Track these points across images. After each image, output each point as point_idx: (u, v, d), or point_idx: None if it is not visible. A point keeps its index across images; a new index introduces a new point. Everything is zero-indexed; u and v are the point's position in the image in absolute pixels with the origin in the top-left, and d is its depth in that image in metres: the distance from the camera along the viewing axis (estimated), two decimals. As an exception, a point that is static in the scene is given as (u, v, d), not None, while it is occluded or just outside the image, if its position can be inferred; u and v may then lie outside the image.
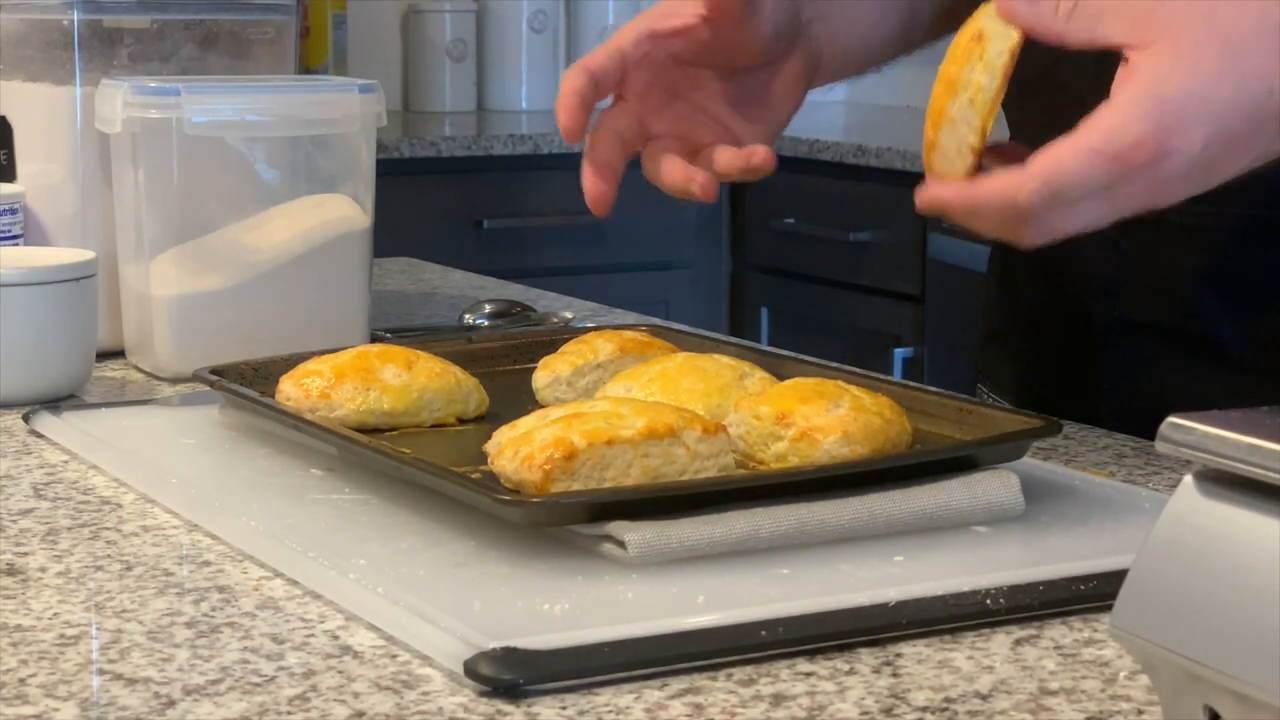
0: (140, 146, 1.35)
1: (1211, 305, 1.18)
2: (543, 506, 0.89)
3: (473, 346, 1.26)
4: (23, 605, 0.85)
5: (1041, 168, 0.91)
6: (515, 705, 0.73)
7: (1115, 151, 0.90)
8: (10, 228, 1.42)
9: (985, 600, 0.83)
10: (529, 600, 0.83)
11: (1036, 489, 0.99)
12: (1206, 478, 0.62)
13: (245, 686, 0.75)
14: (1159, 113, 0.90)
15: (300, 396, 1.10)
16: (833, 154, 3.46)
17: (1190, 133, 0.90)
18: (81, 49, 1.43)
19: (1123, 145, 0.90)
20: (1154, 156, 0.90)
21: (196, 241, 1.37)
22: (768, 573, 0.87)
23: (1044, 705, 0.74)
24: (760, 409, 1.00)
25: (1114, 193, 0.92)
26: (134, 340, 1.40)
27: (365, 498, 0.99)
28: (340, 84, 1.44)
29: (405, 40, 4.07)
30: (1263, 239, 1.16)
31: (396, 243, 2.36)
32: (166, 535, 0.97)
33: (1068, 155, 0.91)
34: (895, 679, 0.76)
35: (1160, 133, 0.89)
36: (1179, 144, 0.90)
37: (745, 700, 0.74)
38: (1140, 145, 0.89)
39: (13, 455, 1.14)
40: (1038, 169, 0.91)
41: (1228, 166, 0.93)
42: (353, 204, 1.43)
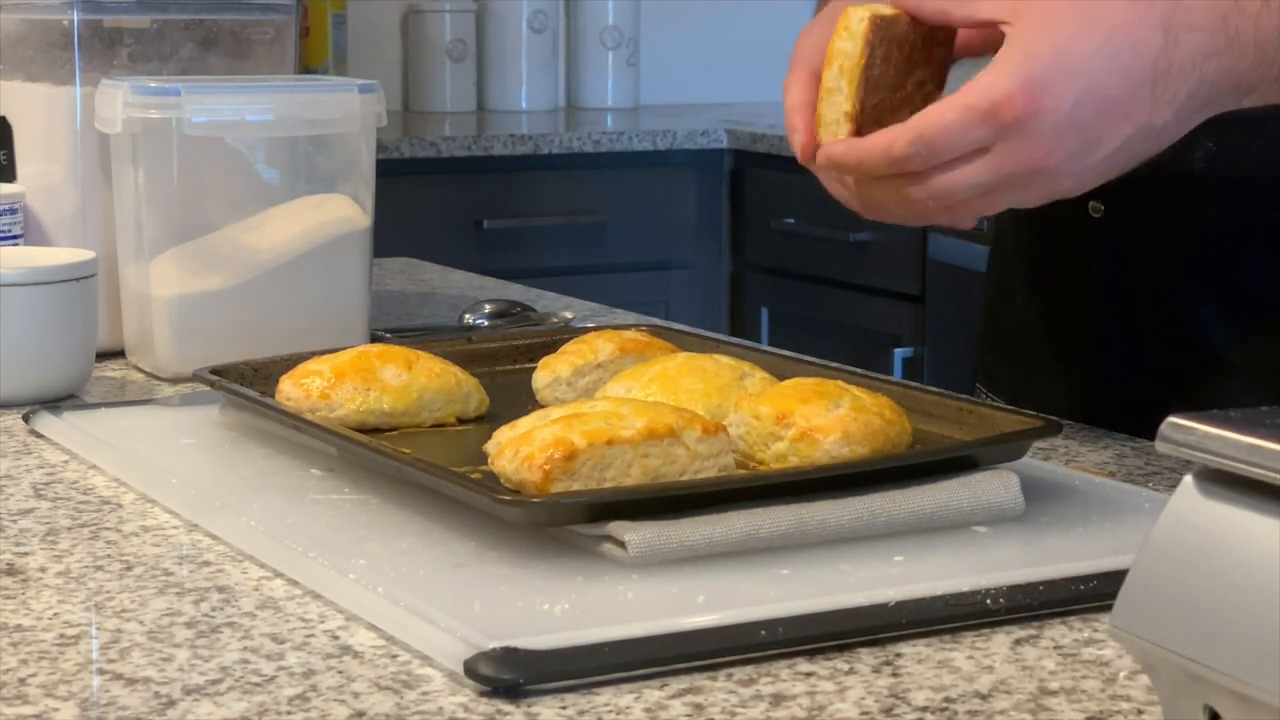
0: (140, 146, 1.35)
1: (1203, 308, 1.18)
2: (543, 506, 0.89)
3: (473, 346, 1.26)
4: (23, 605, 0.85)
5: (917, 121, 0.95)
6: (515, 705, 0.73)
7: (986, 106, 0.93)
8: (10, 228, 1.42)
9: (985, 600, 0.83)
10: (529, 600, 0.83)
11: (1036, 489, 0.99)
12: (1206, 478, 0.62)
13: (245, 686, 0.75)
14: (1027, 70, 0.93)
15: (300, 396, 1.10)
16: (833, 154, 3.46)
17: (1059, 88, 0.93)
18: (81, 49, 1.43)
19: (993, 100, 0.93)
20: (1024, 112, 0.93)
21: (196, 241, 1.37)
22: (768, 573, 0.87)
23: (1044, 705, 0.74)
24: (760, 409, 1.00)
25: (995, 155, 0.94)
26: (134, 340, 1.40)
27: (365, 498, 0.99)
28: (340, 84, 1.44)
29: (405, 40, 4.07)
30: (1253, 242, 1.16)
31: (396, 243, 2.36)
32: (166, 535, 0.97)
33: (941, 109, 0.95)
34: (895, 679, 0.76)
35: (1029, 88, 0.93)
36: (1048, 100, 0.93)
37: (745, 700, 0.74)
38: (1009, 100, 0.93)
39: (13, 455, 1.14)
40: (914, 122, 0.95)
41: (1109, 133, 0.95)
42: (353, 204, 1.43)
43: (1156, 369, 1.21)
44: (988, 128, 0.94)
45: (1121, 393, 1.23)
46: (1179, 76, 0.94)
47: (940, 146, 0.95)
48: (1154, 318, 1.21)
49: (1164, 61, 0.94)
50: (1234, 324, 1.17)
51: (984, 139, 0.94)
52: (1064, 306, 1.27)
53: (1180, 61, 0.94)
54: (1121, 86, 0.94)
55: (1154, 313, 1.21)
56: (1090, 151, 0.95)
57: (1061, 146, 0.94)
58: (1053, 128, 0.93)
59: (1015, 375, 1.33)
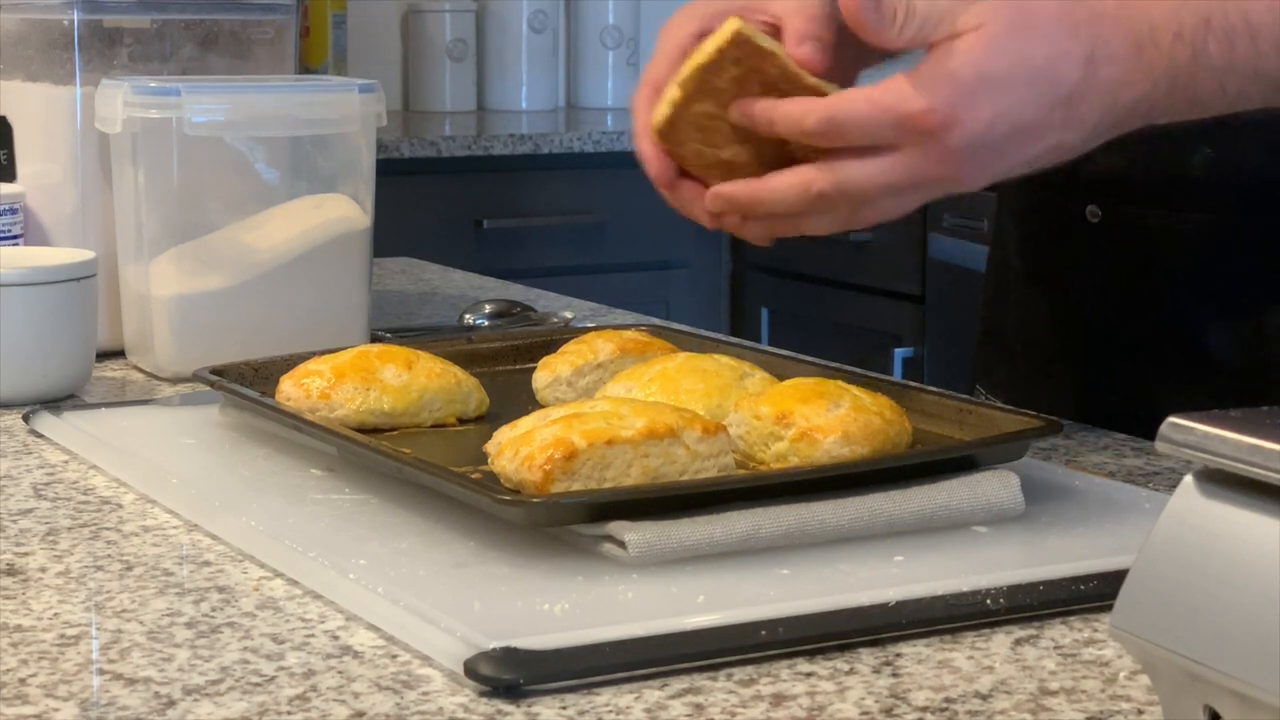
0: (140, 146, 1.35)
1: (1196, 310, 1.18)
2: (543, 506, 0.89)
3: (473, 346, 1.26)
4: (23, 605, 0.85)
5: (832, 101, 0.96)
6: (515, 705, 0.73)
7: (901, 112, 0.94)
8: (10, 228, 1.42)
9: (985, 600, 0.83)
10: (529, 600, 0.83)
11: (1036, 489, 0.99)
12: (1206, 478, 0.62)
13: (245, 686, 0.75)
14: (950, 86, 0.94)
15: (300, 396, 1.10)
16: (833, 154, 3.46)
17: (978, 109, 0.94)
18: (81, 49, 1.43)
19: (909, 110, 0.94)
20: (938, 126, 0.94)
21: (196, 241, 1.37)
22: (768, 573, 0.87)
23: (1044, 705, 0.74)
24: (760, 409, 1.00)
25: (905, 156, 0.95)
26: (134, 340, 1.40)
27: (365, 498, 0.99)
28: (340, 84, 1.44)
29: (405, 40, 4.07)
30: (1250, 246, 1.16)
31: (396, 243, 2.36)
32: (166, 535, 0.97)
33: (859, 97, 0.96)
34: (895, 679, 0.76)
35: (948, 105, 0.94)
36: (964, 118, 0.94)
37: (745, 700, 0.74)
38: (927, 114, 0.94)
39: (13, 455, 1.14)
40: (828, 102, 0.96)
41: (1017, 149, 0.96)
42: (353, 204, 1.43)
43: (1154, 373, 1.21)
44: (898, 132, 0.95)
45: (1119, 397, 1.23)
46: (1091, 103, 0.96)
47: (848, 133, 0.95)
48: (1151, 322, 1.21)
49: (1079, 90, 0.96)
50: (1231, 328, 1.18)
51: (891, 139, 0.95)
52: (1062, 310, 1.27)
53: (1095, 89, 0.96)
54: (1036, 113, 0.95)
55: (1151, 317, 1.21)
56: (995, 164, 0.97)
57: (969, 162, 0.96)
58: (961, 145, 0.94)
59: (1015, 377, 1.33)
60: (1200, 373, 1.18)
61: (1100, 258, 1.23)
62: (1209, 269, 1.18)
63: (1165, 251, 1.19)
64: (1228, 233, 1.17)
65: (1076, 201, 1.23)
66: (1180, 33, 0.97)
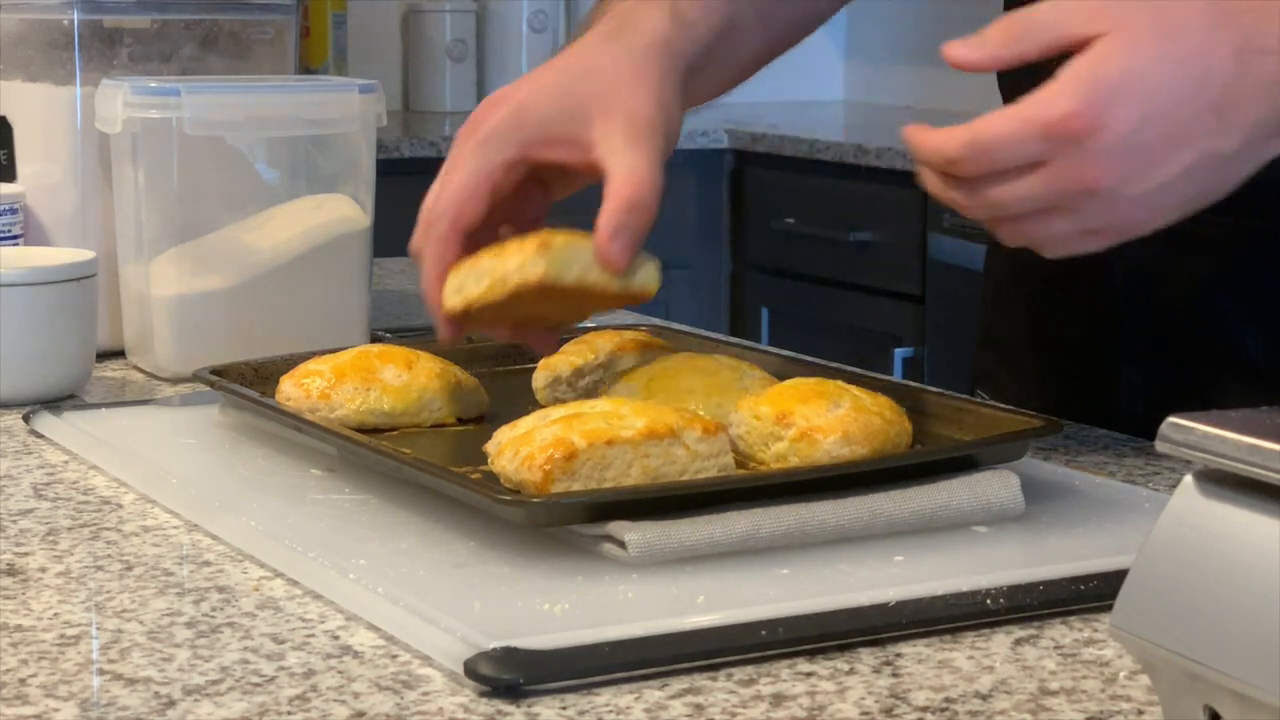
0: (140, 146, 1.35)
1: (1232, 316, 1.17)
2: (543, 506, 0.89)
3: (473, 346, 1.26)
4: (23, 605, 0.85)
5: (975, 124, 0.93)
6: (515, 705, 0.73)
7: (1046, 120, 0.91)
8: (10, 228, 1.42)
9: (985, 600, 0.83)
10: (529, 600, 0.83)
11: (1036, 489, 0.99)
12: (1206, 478, 0.62)
13: (245, 686, 0.75)
14: (1094, 88, 0.91)
15: (300, 396, 1.10)
16: (833, 154, 3.46)
17: (1124, 109, 0.91)
18: (81, 49, 1.43)
19: (1054, 115, 0.91)
20: (1085, 129, 0.91)
21: (196, 241, 1.37)
22: (768, 573, 0.87)
23: (1044, 705, 0.74)
24: (760, 409, 1.00)
25: (1050, 171, 0.92)
26: (134, 340, 1.40)
27: (365, 498, 0.99)
28: (340, 84, 1.44)
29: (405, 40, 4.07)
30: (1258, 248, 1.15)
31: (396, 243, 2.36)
32: (166, 535, 0.97)
33: (1000, 117, 0.93)
34: (895, 679, 0.76)
35: (1093, 106, 0.91)
36: (1111, 119, 0.91)
37: (745, 700, 0.74)
38: (1071, 116, 0.91)
39: (13, 455, 1.14)
40: (971, 126, 0.93)
41: (1170, 157, 0.93)
42: (353, 204, 1.43)
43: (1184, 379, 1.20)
44: (1045, 143, 0.91)
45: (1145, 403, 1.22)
46: (1248, 103, 0.92)
47: (994, 154, 0.92)
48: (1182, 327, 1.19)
49: (1234, 89, 0.92)
50: (1260, 332, 1.17)
51: (1040, 154, 0.92)
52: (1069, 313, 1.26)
53: (1251, 87, 0.92)
54: (1187, 112, 0.92)
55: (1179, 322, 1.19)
56: (1148, 175, 0.93)
57: (1118, 168, 0.92)
58: (1110, 147, 0.91)
59: (1019, 384, 1.32)
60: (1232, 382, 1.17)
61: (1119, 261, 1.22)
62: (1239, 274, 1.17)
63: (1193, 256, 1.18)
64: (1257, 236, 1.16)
65: None
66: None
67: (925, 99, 4.19)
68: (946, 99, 4.12)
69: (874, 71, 4.38)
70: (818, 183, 3.53)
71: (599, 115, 1.04)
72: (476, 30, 4.03)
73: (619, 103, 1.04)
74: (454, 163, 1.05)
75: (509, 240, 1.03)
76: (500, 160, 1.04)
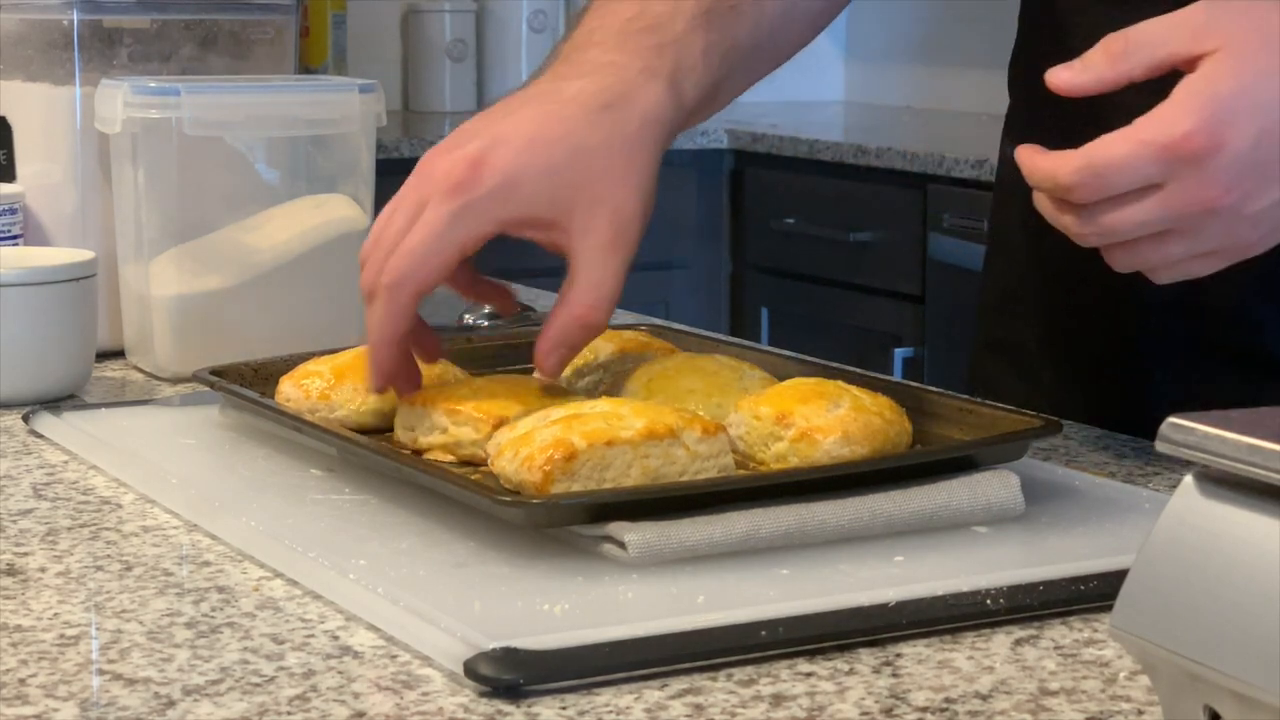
0: (140, 146, 1.35)
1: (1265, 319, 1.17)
2: (543, 507, 0.89)
3: (473, 346, 1.26)
4: (23, 605, 0.85)
5: (1089, 148, 0.92)
6: (515, 705, 0.73)
7: (1165, 142, 0.90)
8: (10, 228, 1.42)
9: (985, 600, 0.83)
10: (529, 600, 0.83)
11: (1036, 489, 0.99)
12: (1206, 478, 0.62)
13: (245, 686, 0.75)
14: (1212, 107, 0.90)
15: (300, 397, 1.10)
16: (833, 154, 3.46)
17: (1241, 126, 0.90)
18: (81, 49, 1.43)
19: (1173, 136, 0.90)
20: (1205, 148, 0.90)
21: (196, 241, 1.37)
22: (768, 573, 0.87)
23: (1044, 705, 0.74)
24: (760, 409, 1.00)
25: (1167, 193, 0.91)
26: (134, 340, 1.40)
27: (365, 498, 0.99)
28: (340, 84, 1.44)
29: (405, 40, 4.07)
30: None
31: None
32: (166, 535, 0.97)
33: (1116, 140, 0.91)
34: (895, 679, 0.76)
35: (1211, 125, 0.90)
36: (1230, 137, 0.90)
37: (745, 700, 0.74)
38: (1189, 137, 0.90)
39: (13, 455, 1.14)
40: (1085, 149, 0.92)
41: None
42: (353, 204, 1.43)
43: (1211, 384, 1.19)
44: (1162, 164, 0.90)
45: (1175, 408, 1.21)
46: None
47: (1109, 179, 0.91)
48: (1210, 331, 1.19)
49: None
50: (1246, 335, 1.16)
51: (1156, 175, 0.91)
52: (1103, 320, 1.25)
53: None
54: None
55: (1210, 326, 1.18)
56: (1266, 191, 0.92)
57: (1237, 185, 0.91)
58: (1229, 165, 0.90)
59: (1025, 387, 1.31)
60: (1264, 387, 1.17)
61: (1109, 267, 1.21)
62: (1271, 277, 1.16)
63: None
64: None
65: None
66: None
67: (925, 99, 4.19)
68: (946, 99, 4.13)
69: (874, 71, 4.38)
70: (818, 183, 3.53)
71: (583, 208, 1.01)
72: (476, 30, 4.03)
73: (606, 197, 1.01)
74: (428, 220, 1.00)
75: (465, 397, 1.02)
76: (478, 234, 1.00)
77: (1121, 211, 0.93)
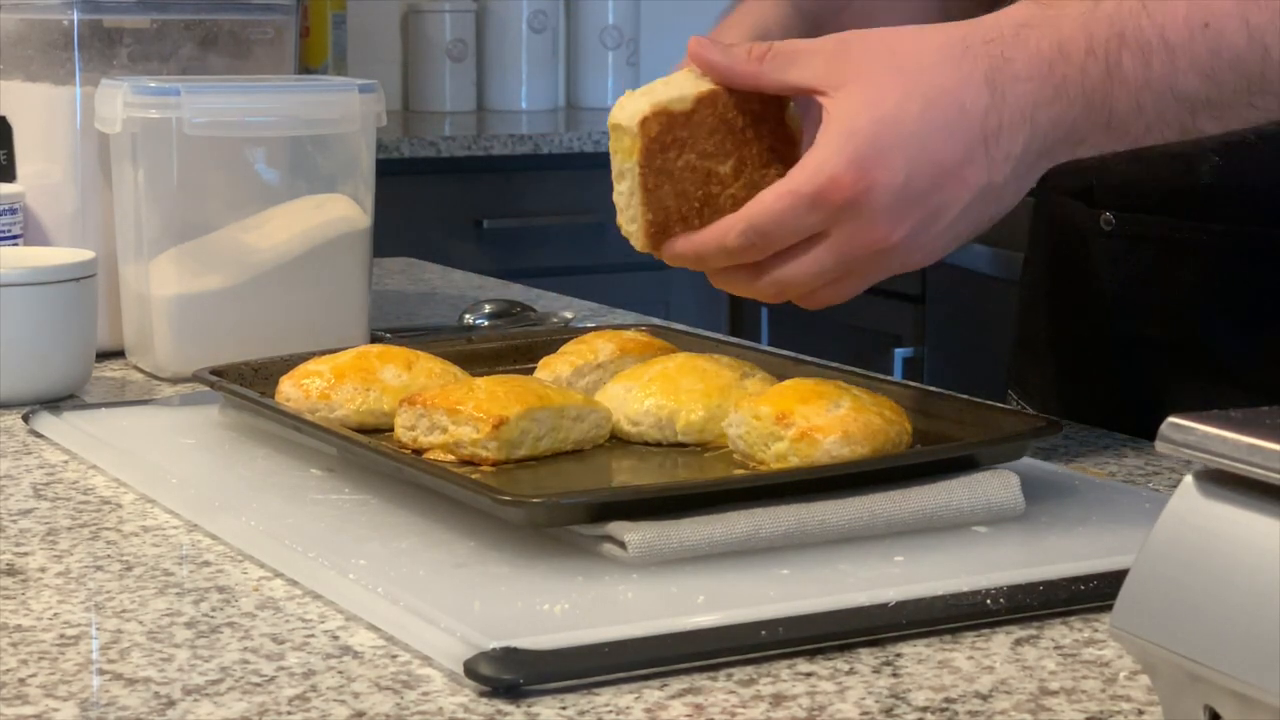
0: (140, 146, 1.35)
1: (1217, 323, 1.18)
2: (543, 506, 0.89)
3: (473, 346, 1.26)
4: (23, 605, 0.85)
5: (747, 211, 0.92)
6: (515, 705, 0.73)
7: (813, 190, 0.90)
8: (10, 228, 1.42)
9: (985, 600, 0.83)
10: (529, 600, 0.83)
11: (1036, 489, 0.99)
12: (1206, 478, 0.62)
13: (245, 686, 0.75)
14: (852, 146, 0.89)
15: (300, 397, 1.10)
16: (833, 154, 3.46)
17: (888, 160, 0.90)
18: (81, 49, 1.43)
19: (820, 183, 0.90)
20: (855, 191, 0.90)
21: (196, 241, 1.37)
22: (768, 573, 0.87)
23: (1044, 705, 0.74)
24: (760, 409, 1.00)
25: (834, 241, 0.92)
26: (134, 340, 1.40)
27: (365, 498, 0.99)
28: (340, 84, 1.44)
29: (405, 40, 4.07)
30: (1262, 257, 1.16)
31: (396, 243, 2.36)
32: (166, 535, 0.97)
33: (770, 198, 0.92)
34: (895, 679, 0.76)
35: (857, 166, 0.89)
36: (879, 175, 0.90)
37: (745, 700, 0.74)
38: (837, 182, 0.90)
39: (13, 455, 1.14)
40: (744, 212, 0.92)
41: (948, 199, 0.92)
42: (353, 204, 1.43)
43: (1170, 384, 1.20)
44: (819, 213, 0.91)
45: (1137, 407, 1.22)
46: (1011, 131, 0.92)
47: (773, 236, 0.92)
48: (1167, 330, 1.20)
49: (994, 118, 0.91)
50: (1244, 340, 1.17)
51: (817, 224, 0.91)
52: (1085, 319, 1.27)
53: (1010, 115, 0.91)
54: (953, 150, 0.91)
55: (1166, 325, 1.20)
56: (933, 222, 0.92)
57: (902, 222, 0.91)
58: (888, 205, 0.90)
59: (1047, 384, 1.32)
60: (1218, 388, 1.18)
61: (1115, 266, 1.22)
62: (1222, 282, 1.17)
63: (1174, 260, 1.19)
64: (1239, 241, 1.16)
65: (1093, 210, 1.23)
66: (1092, 48, 0.92)
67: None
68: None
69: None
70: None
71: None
72: (476, 30, 4.03)
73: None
74: None
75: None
76: None
77: (792, 265, 0.93)
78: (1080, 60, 0.92)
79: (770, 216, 0.92)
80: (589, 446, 1.05)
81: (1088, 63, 0.92)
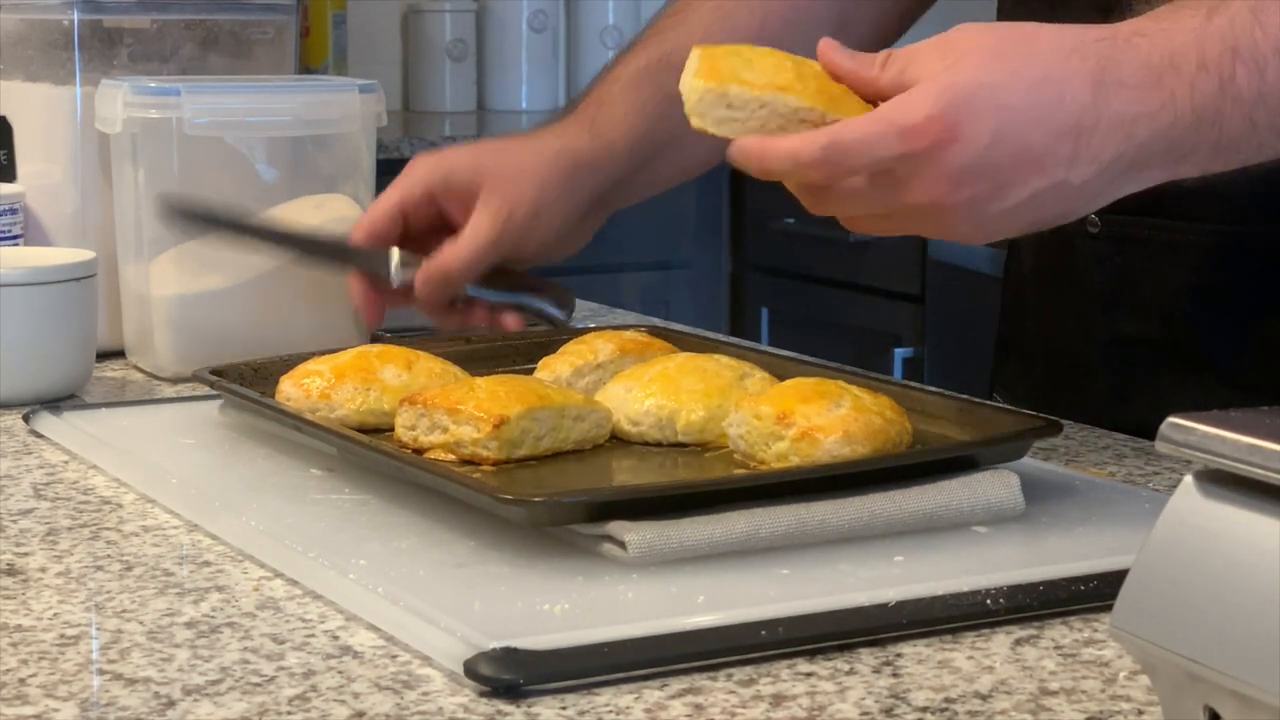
0: (140, 146, 1.35)
1: (1200, 320, 1.18)
2: (543, 506, 0.89)
3: (473, 346, 1.26)
4: (23, 605, 0.85)
5: (834, 128, 0.91)
6: (515, 705, 0.73)
7: (904, 125, 0.89)
8: (10, 228, 1.42)
9: (985, 600, 0.83)
10: (529, 600, 0.83)
11: (1036, 489, 0.99)
12: (1206, 478, 0.62)
13: (245, 686, 0.75)
14: (950, 94, 0.89)
15: (300, 397, 1.10)
16: (833, 154, 3.46)
17: (979, 120, 0.89)
18: (81, 49, 1.43)
19: (912, 120, 0.89)
20: (938, 139, 0.89)
21: (196, 241, 1.37)
22: (768, 573, 0.87)
23: (1044, 705, 0.74)
24: (761, 409, 1.00)
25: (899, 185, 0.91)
26: (134, 340, 1.40)
27: (365, 498, 0.99)
28: (340, 84, 1.44)
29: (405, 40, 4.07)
30: (1245, 255, 1.16)
31: (396, 243, 2.35)
32: (166, 535, 0.97)
33: (861, 120, 0.91)
34: (895, 679, 0.76)
35: (949, 113, 0.89)
36: (966, 129, 0.89)
37: (745, 700, 0.74)
38: (929, 122, 0.89)
39: (13, 455, 1.14)
40: (831, 129, 0.91)
41: (1019, 180, 0.91)
42: (353, 204, 1.42)
43: (1154, 382, 1.21)
44: (902, 146, 0.90)
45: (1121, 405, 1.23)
46: (1105, 135, 0.90)
47: (851, 157, 0.90)
48: (1152, 330, 1.20)
49: (1090, 118, 0.90)
50: (1227, 337, 1.17)
51: (893, 160, 0.90)
52: (1070, 320, 1.27)
53: (1109, 120, 0.90)
54: (1042, 136, 0.90)
55: (1152, 325, 1.20)
56: (995, 198, 0.91)
57: (967, 186, 0.90)
58: (961, 165, 0.89)
59: (1033, 386, 1.32)
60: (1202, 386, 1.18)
61: (1101, 267, 1.22)
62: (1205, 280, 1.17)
63: (1161, 261, 1.19)
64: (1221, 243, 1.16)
65: None
66: (1204, 62, 0.90)
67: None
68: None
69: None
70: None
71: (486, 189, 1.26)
72: (476, 30, 4.03)
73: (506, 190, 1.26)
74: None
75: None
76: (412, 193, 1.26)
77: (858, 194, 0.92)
78: (1191, 75, 0.90)
79: (857, 137, 0.90)
80: (589, 446, 1.05)
81: (1199, 77, 0.90)
